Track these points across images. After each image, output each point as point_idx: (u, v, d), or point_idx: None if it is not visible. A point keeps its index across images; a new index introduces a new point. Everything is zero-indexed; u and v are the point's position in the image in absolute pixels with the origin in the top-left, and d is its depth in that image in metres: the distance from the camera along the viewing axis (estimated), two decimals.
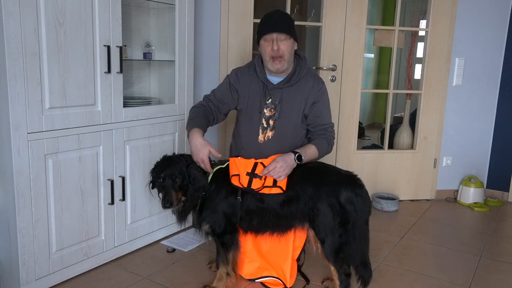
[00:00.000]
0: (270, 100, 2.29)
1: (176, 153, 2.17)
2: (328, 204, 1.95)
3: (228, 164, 2.14)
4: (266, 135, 2.31)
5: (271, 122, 2.30)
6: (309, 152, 2.20)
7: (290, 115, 2.29)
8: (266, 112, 2.29)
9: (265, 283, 2.26)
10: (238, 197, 2.04)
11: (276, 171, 2.02)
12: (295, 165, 2.09)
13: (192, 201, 2.06)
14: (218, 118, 2.38)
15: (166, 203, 1.98)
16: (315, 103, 2.31)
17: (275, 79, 2.30)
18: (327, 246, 1.97)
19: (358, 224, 1.96)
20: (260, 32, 2.23)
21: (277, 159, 2.06)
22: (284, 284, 2.21)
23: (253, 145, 2.32)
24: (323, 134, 2.32)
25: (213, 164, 2.12)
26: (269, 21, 2.20)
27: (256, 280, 2.27)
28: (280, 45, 2.16)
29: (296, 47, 2.28)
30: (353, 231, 1.95)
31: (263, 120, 2.30)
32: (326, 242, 1.97)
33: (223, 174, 2.10)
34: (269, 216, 2.04)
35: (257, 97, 2.31)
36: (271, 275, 2.24)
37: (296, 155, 2.10)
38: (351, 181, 2.02)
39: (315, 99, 2.30)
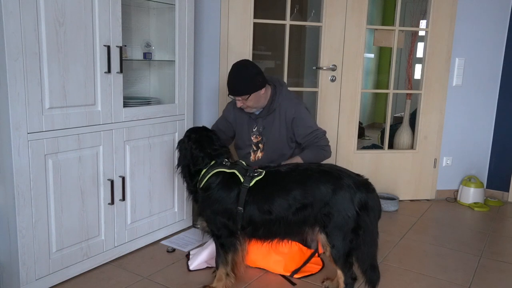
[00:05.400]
0: (255, 128, 2.62)
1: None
2: (343, 208, 1.91)
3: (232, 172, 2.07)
4: (256, 155, 2.65)
5: (260, 145, 2.64)
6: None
7: (275, 138, 2.58)
8: (253, 139, 2.64)
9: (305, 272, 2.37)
10: (240, 208, 2.00)
11: None
12: None
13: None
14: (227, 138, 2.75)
15: None
16: (293, 119, 2.55)
17: (255, 111, 2.59)
18: (337, 251, 1.94)
19: (369, 229, 1.94)
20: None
21: None
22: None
23: (246, 162, 2.38)
24: (313, 143, 2.55)
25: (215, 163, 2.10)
26: (229, 85, 2.46)
27: (299, 270, 2.35)
28: (244, 102, 2.47)
29: (263, 91, 2.49)
30: (364, 236, 1.93)
31: (253, 145, 2.65)
32: (336, 246, 1.94)
33: (222, 178, 2.06)
34: (278, 225, 2.00)
35: (245, 126, 2.65)
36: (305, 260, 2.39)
37: None
38: (364, 186, 1.96)
39: (292, 117, 2.54)
